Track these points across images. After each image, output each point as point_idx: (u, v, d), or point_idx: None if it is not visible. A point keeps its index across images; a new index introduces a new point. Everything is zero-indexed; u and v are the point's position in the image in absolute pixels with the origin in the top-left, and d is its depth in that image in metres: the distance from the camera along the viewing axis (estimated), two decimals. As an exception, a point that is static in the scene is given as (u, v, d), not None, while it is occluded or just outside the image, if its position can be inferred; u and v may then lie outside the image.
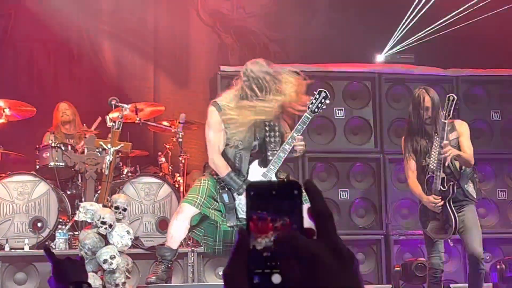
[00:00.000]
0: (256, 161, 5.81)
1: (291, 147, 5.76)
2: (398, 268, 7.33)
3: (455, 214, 6.14)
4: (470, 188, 6.28)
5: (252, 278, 1.04)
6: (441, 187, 6.12)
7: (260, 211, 1.06)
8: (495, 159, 8.32)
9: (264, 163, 5.81)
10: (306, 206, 1.04)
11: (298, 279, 1.02)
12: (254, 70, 5.66)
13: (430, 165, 6.17)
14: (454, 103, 6.03)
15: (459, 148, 6.20)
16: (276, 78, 5.63)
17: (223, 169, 5.78)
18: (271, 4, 10.72)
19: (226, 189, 5.83)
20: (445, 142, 6.01)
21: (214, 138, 5.82)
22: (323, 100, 5.77)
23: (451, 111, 6.02)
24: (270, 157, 5.80)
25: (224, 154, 5.84)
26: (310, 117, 5.76)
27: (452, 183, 6.15)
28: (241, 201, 5.81)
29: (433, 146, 6.16)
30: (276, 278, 1.04)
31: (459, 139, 6.28)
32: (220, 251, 6.11)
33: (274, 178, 5.77)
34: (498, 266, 7.31)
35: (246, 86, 5.64)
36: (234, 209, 5.83)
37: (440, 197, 6.12)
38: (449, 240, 6.33)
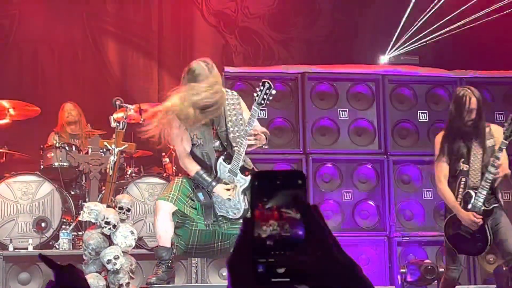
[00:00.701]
0: (221, 158, 5.80)
1: (249, 142, 5.71)
2: (404, 270, 7.32)
3: (491, 235, 5.91)
4: (499, 195, 6.08)
5: (257, 267, 1.05)
6: (484, 206, 5.88)
7: (265, 200, 1.07)
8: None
9: (229, 158, 5.79)
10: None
11: (302, 268, 1.04)
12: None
13: (471, 180, 5.90)
14: None
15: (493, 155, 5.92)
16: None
17: (191, 168, 5.79)
18: (275, 5, 10.73)
19: (200, 187, 5.82)
20: (498, 162, 5.78)
21: (178, 138, 5.81)
22: (267, 91, 5.68)
23: None
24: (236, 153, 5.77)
25: (193, 155, 5.83)
26: (257, 109, 5.68)
27: (497, 205, 5.93)
28: (217, 198, 5.79)
29: (472, 153, 5.93)
30: (280, 269, 1.05)
31: (494, 147, 5.97)
32: (192, 253, 6.11)
33: (240, 174, 5.75)
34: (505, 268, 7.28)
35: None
36: (212, 207, 5.81)
37: (482, 216, 5.87)
38: (473, 258, 6.16)
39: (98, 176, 7.45)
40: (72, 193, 7.97)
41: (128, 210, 6.39)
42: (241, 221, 5.75)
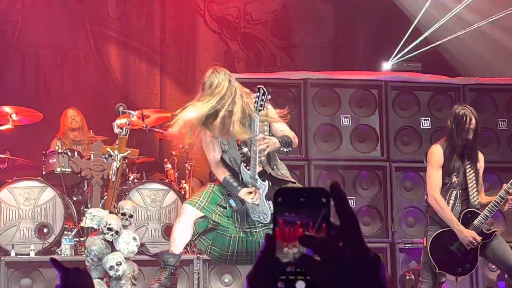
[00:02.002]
0: (242, 164, 5.81)
1: (260, 147, 5.72)
2: (410, 276, 7.30)
3: (478, 259, 5.98)
4: None
5: (276, 284, 1.04)
6: (484, 230, 5.91)
7: (287, 218, 1.06)
8: (502, 168, 8.28)
9: (249, 164, 5.81)
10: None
11: (322, 285, 1.03)
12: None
13: (472, 200, 5.95)
14: None
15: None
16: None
17: (220, 175, 5.81)
18: (278, 12, 10.74)
19: (231, 193, 5.84)
20: (511, 190, 5.85)
21: (209, 143, 5.84)
22: (263, 97, 5.70)
23: None
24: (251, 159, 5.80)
25: (223, 161, 5.86)
26: (257, 116, 5.70)
27: (496, 230, 5.98)
28: (249, 203, 5.78)
29: (467, 172, 5.99)
30: (300, 285, 1.04)
31: (479, 171, 6.09)
32: (226, 260, 6.10)
33: (259, 179, 5.76)
34: (506, 276, 7.28)
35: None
36: (245, 212, 5.82)
37: (481, 238, 5.90)
38: (457, 279, 6.15)
39: (101, 182, 7.44)
40: (74, 199, 7.96)
41: (131, 216, 6.38)
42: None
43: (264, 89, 5.64)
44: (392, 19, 9.96)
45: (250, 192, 5.71)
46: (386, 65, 9.10)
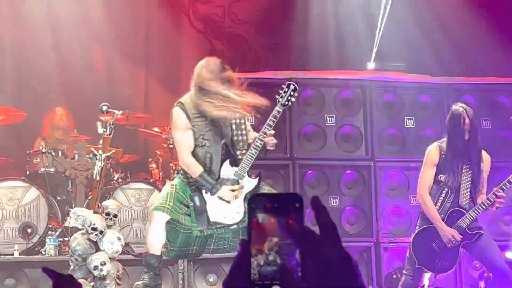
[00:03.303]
0: (227, 161, 5.79)
1: (263, 143, 5.72)
2: (396, 275, 7.33)
3: (459, 259, 6.06)
4: None
5: None
6: (468, 230, 5.98)
7: (261, 223, 1.06)
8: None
9: (235, 162, 5.79)
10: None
11: None
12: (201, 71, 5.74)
13: (461, 199, 6.00)
14: None
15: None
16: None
17: (195, 169, 5.73)
18: (262, 11, 10.74)
19: (198, 191, 5.80)
20: (503, 194, 5.88)
21: (182, 138, 5.79)
22: (292, 93, 5.71)
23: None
24: (240, 156, 5.78)
25: (194, 155, 5.80)
26: (281, 111, 5.71)
27: (482, 233, 5.99)
28: (212, 203, 5.78)
29: (463, 173, 6.03)
30: None
31: (482, 174, 6.11)
32: (187, 255, 6.12)
33: (246, 177, 5.76)
34: (486, 274, 7.32)
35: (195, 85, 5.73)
36: (205, 213, 5.79)
37: (462, 236, 5.96)
38: (435, 275, 6.19)
39: (85, 181, 7.42)
40: (59, 198, 7.93)
41: (115, 216, 6.36)
42: (234, 226, 5.79)
43: (295, 85, 5.67)
44: (377, 19, 9.97)
45: (234, 190, 5.70)
46: (371, 65, 9.12)
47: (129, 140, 8.96)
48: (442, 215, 6.03)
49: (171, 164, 8.19)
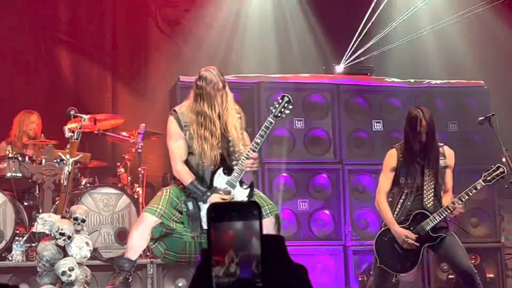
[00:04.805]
0: (220, 169, 5.78)
1: (255, 153, 5.73)
2: (363, 278, 7.37)
3: (421, 260, 6.14)
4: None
5: None
6: (431, 232, 6.02)
7: (221, 232, 1.09)
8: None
9: (228, 170, 5.79)
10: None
11: None
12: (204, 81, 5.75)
13: (425, 202, 6.04)
14: None
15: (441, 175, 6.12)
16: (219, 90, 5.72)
17: (186, 177, 5.74)
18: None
19: (192, 197, 5.79)
20: (461, 205, 5.95)
21: (175, 146, 5.81)
22: (286, 105, 5.74)
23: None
24: (235, 166, 5.78)
25: (187, 162, 5.81)
26: (273, 122, 5.73)
27: (444, 236, 6.03)
28: (205, 210, 5.75)
29: (425, 174, 6.06)
30: None
31: (446, 170, 6.17)
32: (182, 263, 6.07)
33: (238, 186, 5.76)
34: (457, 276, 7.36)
35: (196, 95, 5.73)
36: (199, 219, 5.78)
37: (417, 236, 6.00)
38: (396, 275, 6.20)
39: (52, 186, 7.34)
40: (26, 204, 7.84)
41: (83, 221, 6.30)
42: None
43: (289, 97, 5.68)
44: (345, 21, 10.02)
45: (224, 199, 5.68)
46: (339, 68, 9.15)
47: (96, 144, 8.89)
48: (403, 217, 6.08)
49: (139, 169, 8.14)
